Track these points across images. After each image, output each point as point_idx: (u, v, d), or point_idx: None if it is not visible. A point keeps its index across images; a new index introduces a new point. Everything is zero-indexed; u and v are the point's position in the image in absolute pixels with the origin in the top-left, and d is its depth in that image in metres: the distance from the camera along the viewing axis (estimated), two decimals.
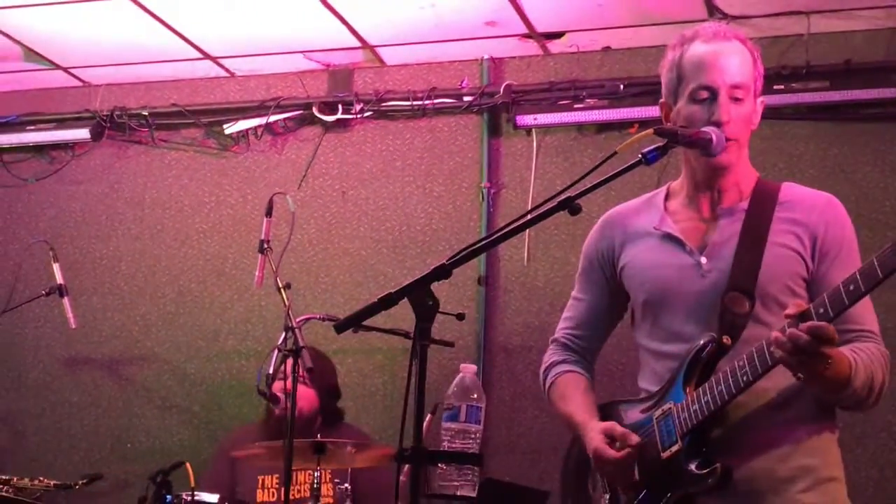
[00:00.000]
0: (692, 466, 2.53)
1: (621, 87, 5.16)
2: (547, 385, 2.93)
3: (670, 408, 2.60)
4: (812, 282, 2.61)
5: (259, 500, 4.49)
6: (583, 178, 2.50)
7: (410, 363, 2.37)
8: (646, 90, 4.93)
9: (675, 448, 2.56)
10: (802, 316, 2.33)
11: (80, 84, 5.97)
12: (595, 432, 2.69)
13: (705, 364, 2.57)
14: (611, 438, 2.65)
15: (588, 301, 2.90)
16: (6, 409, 5.72)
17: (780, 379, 2.49)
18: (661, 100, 2.76)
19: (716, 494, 2.50)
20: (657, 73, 2.79)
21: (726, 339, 2.56)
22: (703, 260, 2.64)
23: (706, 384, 2.53)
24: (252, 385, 4.68)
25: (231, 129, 5.68)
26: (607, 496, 2.71)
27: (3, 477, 4.70)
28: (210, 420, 5.49)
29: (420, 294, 2.38)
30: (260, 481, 4.52)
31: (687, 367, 2.59)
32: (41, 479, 4.79)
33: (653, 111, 4.58)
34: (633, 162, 2.53)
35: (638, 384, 2.80)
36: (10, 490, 4.65)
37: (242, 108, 5.68)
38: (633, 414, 2.73)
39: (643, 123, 4.91)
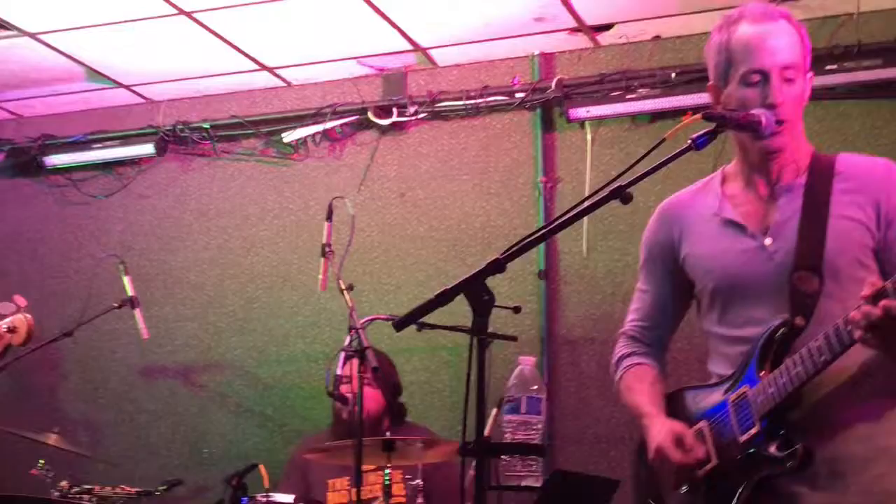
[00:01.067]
0: (772, 449, 2.52)
1: (673, 75, 5.17)
2: (616, 379, 2.94)
3: (745, 391, 2.58)
4: (880, 251, 2.59)
5: (330, 502, 4.56)
6: (632, 166, 2.49)
7: (470, 358, 2.41)
8: (698, 77, 4.91)
9: (753, 431, 2.55)
10: (879, 294, 2.32)
11: (143, 101, 6.10)
12: (663, 428, 2.67)
13: (779, 346, 2.56)
14: (678, 441, 2.64)
15: (652, 292, 2.90)
16: (86, 419, 5.85)
17: (857, 357, 2.48)
18: (710, 83, 2.76)
19: (797, 476, 2.50)
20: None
21: (799, 321, 2.54)
22: (767, 241, 2.63)
23: (782, 366, 2.52)
24: (321, 387, 4.77)
25: (289, 137, 5.77)
26: (684, 486, 2.70)
27: (86, 486, 4.80)
28: (282, 423, 5.58)
29: (476, 289, 2.39)
30: (330, 485, 4.59)
31: (760, 350, 2.58)
32: (123, 487, 4.88)
33: (706, 98, 4.57)
34: (683, 148, 2.54)
35: (708, 369, 2.79)
36: (94, 499, 4.75)
37: (300, 116, 5.76)
38: (707, 399, 2.72)
39: (697, 111, 4.88)
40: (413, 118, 5.60)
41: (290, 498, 4.18)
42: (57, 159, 6.12)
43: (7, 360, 4.85)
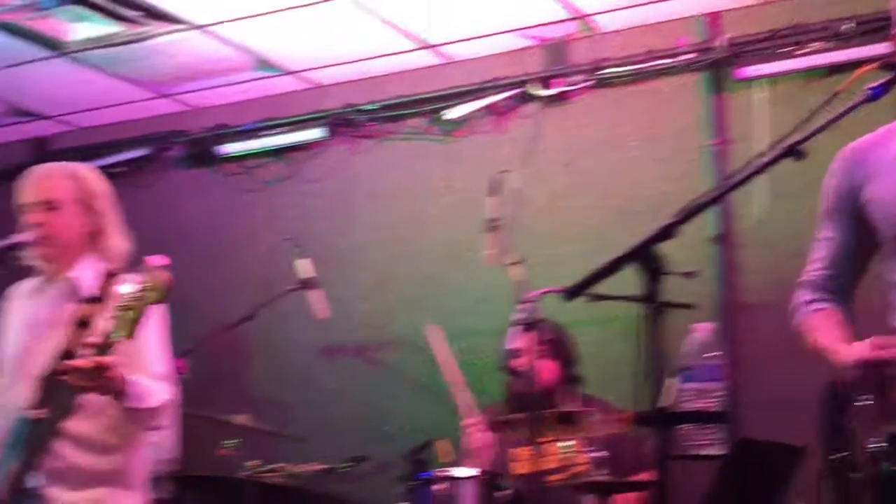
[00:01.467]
0: None
1: (847, 26, 4.97)
2: (797, 323, 2.88)
3: None
4: None
5: (511, 474, 4.57)
6: (805, 121, 2.44)
7: (644, 327, 2.37)
8: (874, 27, 4.72)
9: None
10: None
11: (310, 86, 6.22)
12: (860, 344, 2.58)
13: None
14: (880, 346, 2.55)
15: (835, 240, 2.84)
16: (273, 399, 6.00)
17: None
18: (893, 31, 2.67)
19: None
20: (885, 9, 2.70)
21: None
22: None
23: None
24: (494, 361, 4.79)
25: (453, 113, 5.80)
26: (874, 439, 2.62)
27: (275, 465, 4.94)
28: None
29: (647, 256, 2.40)
30: (511, 454, 4.60)
31: None
32: (310, 464, 5.01)
33: (883, 49, 4.39)
34: (858, 100, 2.46)
35: (892, 325, 2.69)
36: (283, 476, 4.90)
37: (463, 92, 5.79)
38: None
39: (873, 62, 4.71)
40: (576, 87, 5.55)
41: (472, 471, 4.19)
42: (230, 148, 6.31)
43: (195, 345, 5.06)
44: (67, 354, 3.11)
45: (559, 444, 4.25)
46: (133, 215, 3.67)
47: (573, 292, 2.51)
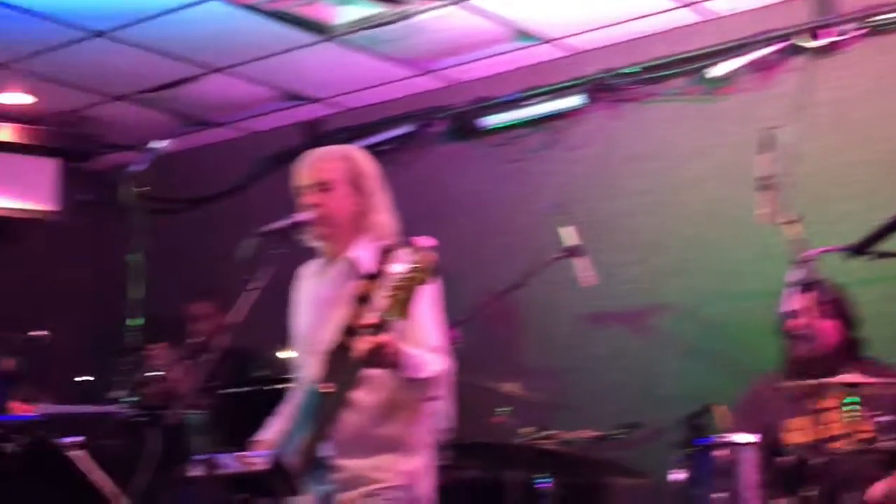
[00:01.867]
0: None
1: None
2: None
3: None
4: None
5: (790, 442, 4.44)
6: None
7: None
8: None
9: None
10: None
11: (568, 53, 6.20)
12: None
13: None
14: None
15: None
16: (544, 367, 6.01)
17: None
18: None
19: None
20: None
21: None
22: None
23: None
24: (769, 324, 4.66)
25: (716, 71, 5.65)
26: None
27: (550, 432, 5.00)
28: (731, 362, 5.49)
29: None
30: (788, 424, 4.47)
31: None
32: (583, 430, 5.04)
33: None
34: None
35: None
36: (556, 443, 4.94)
37: (726, 48, 5.63)
38: None
39: None
40: (847, 37, 5.29)
41: (752, 438, 4.10)
42: (492, 120, 6.39)
43: (468, 315, 5.17)
44: (350, 330, 3.25)
45: (843, 408, 4.08)
46: (400, 192, 3.78)
47: (858, 250, 2.40)
